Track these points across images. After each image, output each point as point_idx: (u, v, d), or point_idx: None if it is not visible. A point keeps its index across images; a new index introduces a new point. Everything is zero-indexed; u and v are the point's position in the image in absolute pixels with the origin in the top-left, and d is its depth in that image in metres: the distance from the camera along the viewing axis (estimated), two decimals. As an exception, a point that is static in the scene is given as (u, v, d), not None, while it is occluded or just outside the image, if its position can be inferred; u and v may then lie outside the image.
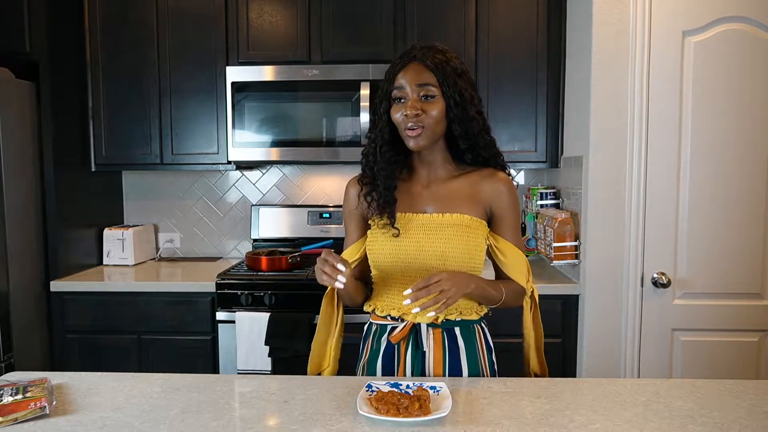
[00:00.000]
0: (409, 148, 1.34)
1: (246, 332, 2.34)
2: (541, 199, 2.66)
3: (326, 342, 1.47)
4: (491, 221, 1.41)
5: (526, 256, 3.02)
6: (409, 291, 1.20)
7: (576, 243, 2.36)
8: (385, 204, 1.36)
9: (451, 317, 1.36)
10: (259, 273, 2.51)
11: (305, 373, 1.46)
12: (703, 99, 2.19)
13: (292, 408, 1.14)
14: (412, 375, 1.35)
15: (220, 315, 2.42)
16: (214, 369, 2.46)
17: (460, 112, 1.32)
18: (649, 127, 2.21)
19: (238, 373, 2.34)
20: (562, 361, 2.39)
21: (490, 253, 1.43)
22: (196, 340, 2.46)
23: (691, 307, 2.26)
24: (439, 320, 1.36)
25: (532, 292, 1.45)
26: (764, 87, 2.17)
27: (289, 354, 2.31)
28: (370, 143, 1.40)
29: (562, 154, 2.62)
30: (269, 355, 2.33)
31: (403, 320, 1.37)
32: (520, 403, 1.16)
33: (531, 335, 1.47)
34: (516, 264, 1.41)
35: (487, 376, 1.40)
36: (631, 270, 2.25)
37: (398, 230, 1.35)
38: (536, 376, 1.47)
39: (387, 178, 1.36)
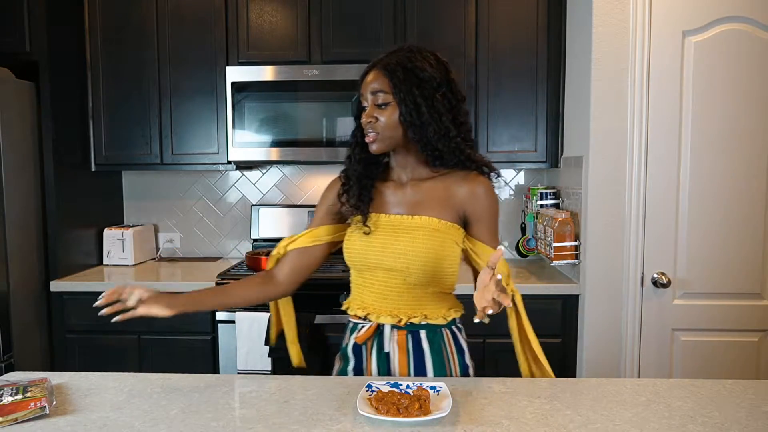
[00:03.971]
0: (371, 152, 1.38)
1: (246, 332, 2.34)
2: (541, 199, 2.66)
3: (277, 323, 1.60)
4: (467, 225, 1.38)
5: (526, 256, 3.02)
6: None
7: (576, 243, 2.36)
8: (359, 202, 1.39)
9: (416, 320, 1.36)
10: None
11: (305, 373, 1.46)
12: (703, 99, 2.19)
13: (292, 408, 1.14)
14: (379, 375, 1.37)
15: (220, 315, 2.42)
16: (214, 369, 2.46)
17: (414, 117, 1.30)
18: (649, 127, 2.21)
19: (238, 373, 2.34)
20: (562, 361, 2.39)
21: (468, 258, 1.40)
22: (196, 340, 2.46)
23: (691, 307, 2.26)
24: (402, 322, 1.35)
25: (513, 297, 1.39)
26: (764, 87, 2.17)
27: (289, 354, 2.30)
28: (349, 145, 1.45)
29: (562, 154, 2.62)
30: (269, 355, 2.32)
31: (368, 320, 1.39)
32: (520, 403, 1.16)
33: (517, 339, 1.43)
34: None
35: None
36: (631, 270, 2.25)
37: (369, 228, 1.36)
38: None
39: (361, 178, 1.40)
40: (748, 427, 1.06)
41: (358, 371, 1.41)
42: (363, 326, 1.40)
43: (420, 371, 1.37)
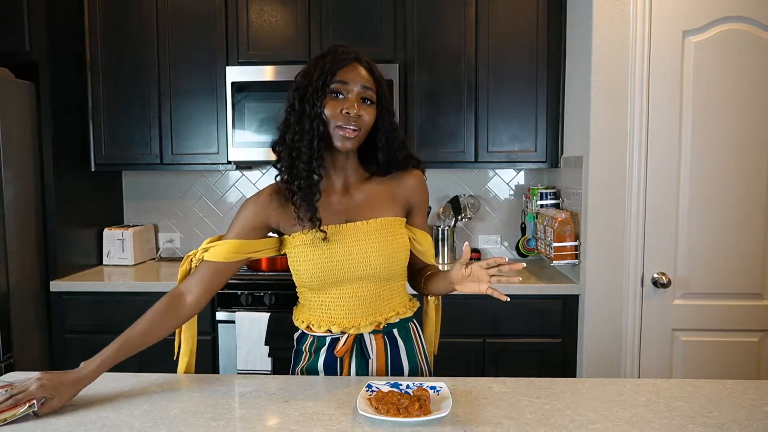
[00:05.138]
0: (336, 147, 1.26)
1: (246, 332, 2.34)
2: (541, 199, 2.66)
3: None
4: (408, 215, 1.42)
5: (526, 256, 3.03)
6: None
7: (576, 243, 2.36)
8: (314, 217, 1.26)
9: (392, 320, 1.36)
10: (259, 273, 2.51)
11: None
12: (703, 99, 2.19)
13: (292, 408, 1.14)
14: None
15: (220, 315, 2.42)
16: (214, 369, 2.46)
17: (388, 123, 1.32)
18: (649, 127, 2.21)
19: (238, 373, 2.34)
20: (562, 361, 2.39)
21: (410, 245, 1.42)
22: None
23: (691, 307, 2.26)
24: (381, 326, 1.35)
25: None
26: (764, 87, 2.17)
27: (289, 354, 2.31)
28: (301, 135, 1.25)
29: (562, 154, 2.62)
30: (269, 355, 2.33)
31: (344, 333, 1.34)
32: (520, 403, 1.16)
33: (434, 317, 1.52)
34: (429, 249, 1.46)
35: (425, 372, 1.42)
36: (631, 270, 2.25)
37: (326, 236, 1.27)
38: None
39: (321, 175, 1.27)
40: (748, 427, 1.06)
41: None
42: (336, 339, 1.34)
43: (397, 370, 1.37)
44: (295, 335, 1.45)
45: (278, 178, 1.34)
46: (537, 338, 2.40)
